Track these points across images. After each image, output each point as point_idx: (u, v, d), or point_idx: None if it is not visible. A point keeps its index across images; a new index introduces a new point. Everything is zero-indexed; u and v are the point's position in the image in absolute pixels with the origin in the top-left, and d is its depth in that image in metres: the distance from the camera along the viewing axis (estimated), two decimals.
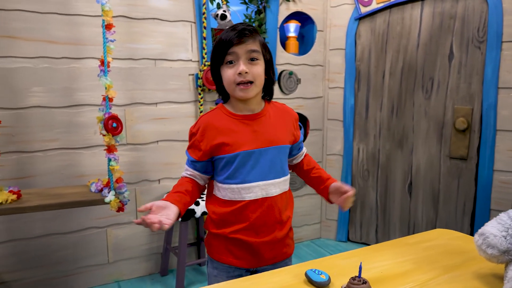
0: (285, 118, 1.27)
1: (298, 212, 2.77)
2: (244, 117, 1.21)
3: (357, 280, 0.80)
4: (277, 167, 1.21)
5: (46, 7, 1.89)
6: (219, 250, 1.23)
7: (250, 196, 1.17)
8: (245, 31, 1.12)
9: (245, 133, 1.18)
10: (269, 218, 1.19)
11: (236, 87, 1.15)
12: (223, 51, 1.14)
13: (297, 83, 2.62)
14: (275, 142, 1.20)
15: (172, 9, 2.17)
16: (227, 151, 1.17)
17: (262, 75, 1.17)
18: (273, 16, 2.45)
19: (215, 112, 1.25)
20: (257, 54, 1.15)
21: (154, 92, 2.19)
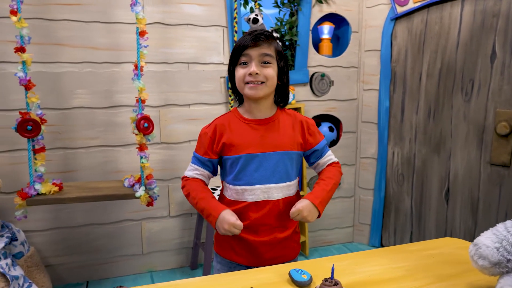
0: (294, 124, 1.30)
1: (329, 215, 2.75)
2: (254, 122, 1.27)
3: (328, 282, 0.82)
4: (281, 172, 1.25)
5: (90, 17, 2.07)
6: (223, 246, 1.29)
7: (252, 198, 1.23)
8: (260, 36, 1.19)
9: (252, 137, 1.24)
10: (269, 220, 1.23)
11: (245, 86, 1.21)
12: (238, 53, 1.22)
13: (329, 85, 2.61)
14: (281, 147, 1.24)
15: (205, 15, 2.27)
16: (232, 152, 1.23)
17: (273, 77, 1.22)
18: (305, 18, 2.46)
19: (227, 115, 1.31)
20: (270, 58, 1.21)
21: (187, 94, 2.31)
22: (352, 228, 2.85)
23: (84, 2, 2.05)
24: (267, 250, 1.23)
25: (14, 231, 1.98)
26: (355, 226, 2.84)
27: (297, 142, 1.29)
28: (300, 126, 1.31)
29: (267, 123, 1.27)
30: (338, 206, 2.77)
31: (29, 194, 1.83)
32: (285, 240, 1.27)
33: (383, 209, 2.73)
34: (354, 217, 2.84)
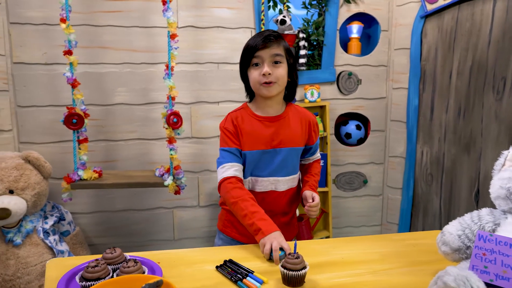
0: (302, 121, 1.40)
1: (356, 213, 2.77)
2: (266, 119, 1.36)
3: (291, 256, 0.91)
4: (288, 166, 1.36)
5: (130, 22, 2.29)
6: (226, 224, 1.41)
7: (260, 188, 1.34)
8: (270, 37, 1.28)
9: (265, 134, 1.33)
10: (273, 208, 1.35)
11: (260, 86, 1.30)
12: (249, 55, 1.30)
13: (357, 84, 2.63)
14: (290, 144, 1.35)
15: (234, 18, 2.41)
16: (246, 148, 1.34)
17: (284, 77, 1.32)
18: (332, 18, 2.52)
19: (240, 111, 1.42)
20: (280, 58, 1.29)
21: (217, 92, 2.46)
22: (380, 227, 2.84)
23: (125, 9, 2.27)
24: None
25: (62, 212, 2.26)
26: (382, 225, 2.84)
27: (304, 138, 1.40)
28: (308, 124, 1.41)
29: (278, 119, 1.36)
30: (366, 204, 2.78)
31: (73, 179, 2.08)
32: (285, 224, 1.38)
33: (411, 208, 2.70)
34: (382, 216, 2.83)
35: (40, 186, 2.06)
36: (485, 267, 0.83)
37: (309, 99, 2.49)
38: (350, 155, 2.70)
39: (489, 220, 0.93)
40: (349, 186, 2.74)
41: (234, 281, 0.93)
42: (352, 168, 2.72)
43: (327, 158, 2.54)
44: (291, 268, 0.91)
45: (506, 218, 0.92)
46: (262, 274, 0.96)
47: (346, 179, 2.73)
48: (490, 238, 0.86)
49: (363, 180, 2.74)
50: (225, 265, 1.01)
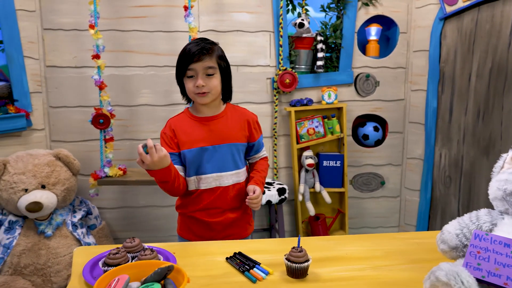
0: (241, 119, 1.48)
1: (373, 214, 2.79)
2: (203, 119, 1.44)
3: (295, 249, 0.98)
4: (229, 161, 1.44)
5: (154, 27, 2.40)
6: (183, 228, 1.50)
7: (205, 185, 1.42)
8: (203, 51, 1.34)
9: (202, 132, 1.41)
10: (221, 204, 1.43)
11: (195, 95, 1.38)
12: (184, 66, 1.36)
13: (375, 86, 2.65)
14: (229, 139, 1.42)
15: (253, 22, 2.48)
16: (186, 147, 1.41)
17: (217, 86, 1.39)
18: (350, 21, 2.55)
19: (180, 115, 1.51)
20: (213, 70, 1.37)
21: (236, 94, 2.49)
22: (397, 229, 2.85)
23: (149, 15, 2.39)
24: (221, 229, 1.43)
25: (90, 206, 2.40)
26: (400, 226, 2.84)
27: (244, 135, 1.47)
28: (247, 122, 1.49)
29: (215, 118, 1.44)
30: (383, 205, 2.80)
31: (99, 176, 2.21)
32: (237, 220, 1.46)
33: (429, 211, 2.70)
34: (400, 218, 2.84)
35: (69, 182, 2.20)
36: (478, 264, 0.87)
37: (326, 101, 2.53)
38: (368, 156, 2.73)
39: (486, 220, 0.96)
40: (366, 187, 2.77)
41: (242, 271, 1.00)
42: (369, 169, 2.74)
43: (344, 159, 2.58)
44: (295, 261, 0.97)
45: (503, 218, 0.95)
46: (268, 266, 1.02)
47: (363, 180, 2.76)
48: (485, 237, 0.90)
49: (380, 182, 2.76)
50: (235, 256, 1.08)
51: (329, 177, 2.59)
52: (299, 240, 1.00)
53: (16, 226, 2.10)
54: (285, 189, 2.37)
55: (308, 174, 2.56)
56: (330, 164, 2.57)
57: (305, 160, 2.51)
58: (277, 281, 0.97)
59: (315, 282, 0.96)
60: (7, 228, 2.09)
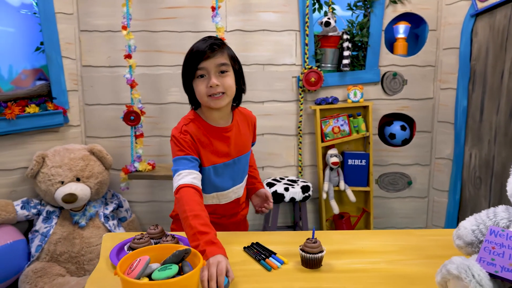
0: (249, 124, 1.39)
1: (400, 214, 2.76)
2: (221, 130, 1.27)
3: (309, 240, 1.00)
4: (245, 171, 1.39)
5: (183, 27, 2.49)
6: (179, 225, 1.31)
7: (226, 200, 1.35)
8: (213, 46, 1.18)
9: (224, 146, 1.28)
10: (234, 210, 1.41)
11: (208, 99, 1.20)
12: (193, 66, 1.20)
13: (402, 84, 2.62)
14: (245, 150, 1.35)
15: (279, 21, 2.52)
16: (210, 163, 1.26)
17: (232, 86, 1.23)
18: (377, 19, 2.53)
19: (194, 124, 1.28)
20: (226, 67, 1.20)
21: (262, 92, 2.58)
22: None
23: (179, 16, 2.47)
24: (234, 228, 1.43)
25: (121, 200, 2.51)
26: (427, 228, 2.79)
27: (251, 140, 1.43)
28: (253, 125, 1.42)
29: (232, 129, 1.29)
30: (410, 205, 2.76)
31: (130, 170, 2.32)
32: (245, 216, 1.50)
33: (458, 212, 2.63)
34: (427, 219, 2.79)
35: (102, 175, 2.32)
36: (492, 259, 0.87)
37: (352, 99, 2.53)
38: (394, 155, 2.70)
39: (504, 216, 0.95)
40: (392, 187, 2.73)
41: (258, 260, 1.04)
42: (396, 169, 2.71)
43: (370, 157, 2.56)
44: (309, 251, 0.99)
45: None
46: (283, 256, 1.05)
47: (390, 179, 2.73)
48: (501, 233, 0.89)
49: (407, 181, 2.72)
50: (252, 246, 1.12)
51: (354, 175, 2.58)
52: (313, 232, 1.03)
53: (53, 216, 2.23)
54: (309, 187, 2.39)
55: (333, 172, 2.56)
56: (355, 162, 2.57)
57: (329, 158, 2.52)
58: (291, 270, 1.00)
59: (328, 272, 0.99)
60: (45, 217, 2.23)
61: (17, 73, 2.49)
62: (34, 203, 2.27)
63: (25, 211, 2.22)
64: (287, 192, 2.35)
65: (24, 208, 2.22)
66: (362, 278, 0.96)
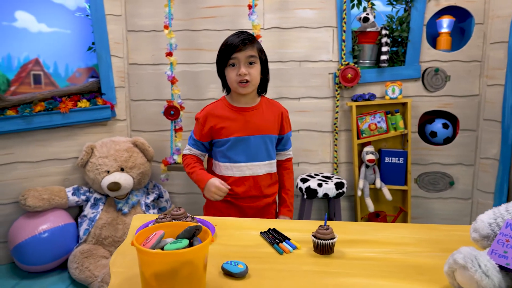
0: (275, 112, 1.54)
1: (440, 215, 2.66)
2: (240, 109, 1.51)
3: (322, 227, 1.03)
4: (263, 152, 1.51)
5: (222, 26, 2.58)
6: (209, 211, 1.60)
7: (240, 173, 1.50)
8: (245, 40, 1.42)
9: (239, 122, 1.48)
10: (253, 192, 1.51)
11: (237, 85, 1.45)
12: (227, 56, 1.46)
13: (445, 80, 2.53)
14: (263, 131, 1.49)
15: (316, 18, 2.53)
16: (223, 135, 1.50)
17: (258, 76, 1.47)
18: (418, 14, 2.46)
19: (217, 103, 1.59)
20: (254, 59, 1.45)
21: (298, 89, 2.61)
22: None
23: (218, 15, 2.57)
24: (253, 213, 1.51)
25: (161, 190, 2.65)
26: None
27: (277, 128, 1.54)
28: (280, 115, 1.55)
29: (252, 110, 1.51)
30: (452, 207, 2.65)
31: (169, 162, 2.44)
32: (267, 206, 1.55)
33: None
34: (471, 221, 2.65)
35: (144, 166, 2.46)
36: (504, 252, 0.84)
37: (390, 96, 2.48)
38: (435, 154, 2.60)
39: None
40: (433, 187, 2.64)
41: (272, 244, 1.08)
42: (437, 168, 2.62)
43: (408, 156, 2.50)
44: (321, 238, 1.02)
45: None
46: (297, 242, 1.08)
47: (430, 179, 2.64)
48: None
49: (449, 182, 2.61)
50: (268, 231, 1.16)
51: (391, 174, 2.53)
52: (326, 219, 1.05)
53: (99, 203, 2.41)
54: (343, 183, 2.38)
55: (369, 170, 2.53)
56: (392, 160, 2.51)
57: (365, 155, 2.49)
58: (303, 255, 1.03)
59: (339, 258, 1.01)
60: (92, 204, 2.42)
61: (72, 72, 2.71)
62: (84, 190, 2.46)
63: (75, 197, 2.42)
64: (320, 188, 2.35)
65: (75, 194, 2.42)
66: (371, 266, 0.96)
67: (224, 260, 0.95)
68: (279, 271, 0.95)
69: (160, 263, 0.79)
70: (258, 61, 1.47)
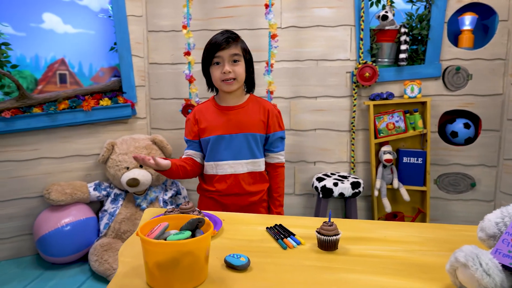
0: (261, 110, 1.52)
1: (461, 217, 2.59)
2: (225, 108, 1.53)
3: (326, 223, 1.03)
4: (245, 150, 1.50)
5: (240, 25, 2.60)
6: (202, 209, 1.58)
7: (222, 171, 1.51)
8: (229, 39, 1.45)
9: (221, 121, 1.49)
10: (237, 189, 1.51)
11: (222, 83, 1.47)
12: (211, 55, 1.47)
13: (466, 79, 2.46)
14: (245, 129, 1.48)
15: (334, 16, 2.52)
16: (206, 135, 1.53)
17: (242, 73, 1.48)
18: (439, 11, 2.41)
19: (206, 103, 1.61)
20: (238, 57, 1.47)
21: (315, 88, 2.61)
22: None
23: (236, 15, 2.60)
24: (237, 209, 1.52)
25: (179, 187, 2.71)
26: None
27: (262, 125, 1.52)
28: (265, 112, 1.53)
29: (236, 109, 1.52)
30: (473, 209, 2.58)
31: None
32: (252, 205, 1.55)
33: None
34: None
35: None
36: (509, 251, 0.82)
37: (409, 95, 2.44)
38: (456, 155, 2.54)
39: None
40: (453, 188, 2.58)
41: (276, 239, 1.10)
42: (457, 169, 2.55)
43: (427, 156, 2.45)
44: (324, 234, 1.02)
45: None
46: (302, 237, 1.09)
47: (450, 180, 2.58)
48: None
49: (470, 183, 2.55)
50: (274, 227, 1.18)
51: (409, 174, 2.49)
52: (329, 215, 1.06)
53: (119, 198, 2.49)
54: (359, 183, 2.36)
55: (386, 169, 2.49)
56: (410, 160, 2.47)
57: (382, 155, 2.46)
58: (306, 250, 1.04)
59: (342, 255, 1.01)
60: (112, 199, 2.49)
61: (96, 71, 2.80)
62: (105, 185, 2.55)
63: (96, 192, 2.50)
64: (336, 187, 2.34)
65: (96, 189, 2.51)
66: (373, 263, 0.96)
67: (228, 253, 0.97)
68: (280, 265, 0.96)
69: (162, 253, 0.82)
70: (243, 59, 1.49)
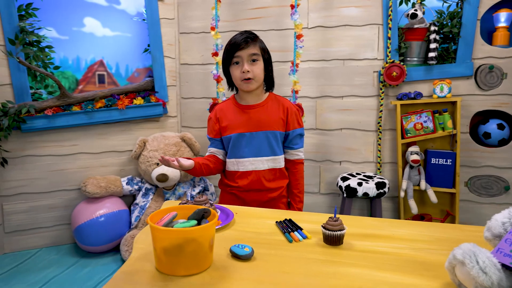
0: (280, 108, 1.56)
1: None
2: (245, 107, 1.58)
3: (331, 219, 1.05)
4: (266, 148, 1.55)
5: (267, 26, 2.65)
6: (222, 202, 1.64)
7: (243, 168, 1.56)
8: (247, 39, 1.47)
9: (242, 119, 1.54)
10: (258, 185, 1.56)
11: (241, 82, 1.52)
12: (230, 55, 1.52)
13: (501, 78, 2.37)
14: (265, 127, 1.53)
15: (361, 15, 2.51)
16: (227, 133, 1.58)
17: (261, 73, 1.53)
18: (471, 8, 2.34)
19: (226, 102, 1.67)
20: (257, 56, 1.51)
21: (341, 87, 2.60)
22: None
23: (263, 16, 2.64)
24: (257, 206, 1.53)
25: (207, 184, 2.79)
26: None
27: (281, 123, 1.55)
28: (284, 110, 1.57)
29: (256, 107, 1.56)
30: None
31: None
32: (272, 200, 1.58)
33: None
34: None
35: None
36: (511, 251, 0.81)
37: (438, 95, 2.38)
38: (489, 157, 2.45)
39: None
40: (485, 191, 2.49)
41: (283, 233, 1.13)
42: (490, 172, 2.46)
43: (456, 157, 2.38)
44: (330, 229, 1.04)
45: None
46: (310, 232, 1.12)
47: (482, 183, 2.49)
48: None
49: (504, 186, 2.44)
50: (283, 221, 1.21)
51: (437, 175, 2.42)
52: (335, 211, 1.08)
53: (150, 193, 2.61)
54: (384, 183, 2.34)
55: (413, 170, 2.45)
56: (439, 162, 2.41)
57: (409, 155, 2.42)
58: (312, 244, 1.07)
59: (347, 250, 1.03)
60: (143, 193, 2.62)
61: (132, 71, 2.95)
62: (137, 180, 2.68)
63: (129, 186, 2.63)
64: (360, 187, 2.33)
65: (129, 184, 2.64)
66: (377, 258, 0.97)
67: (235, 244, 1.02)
68: (284, 256, 0.99)
69: (168, 239, 0.88)
70: (261, 59, 1.53)
